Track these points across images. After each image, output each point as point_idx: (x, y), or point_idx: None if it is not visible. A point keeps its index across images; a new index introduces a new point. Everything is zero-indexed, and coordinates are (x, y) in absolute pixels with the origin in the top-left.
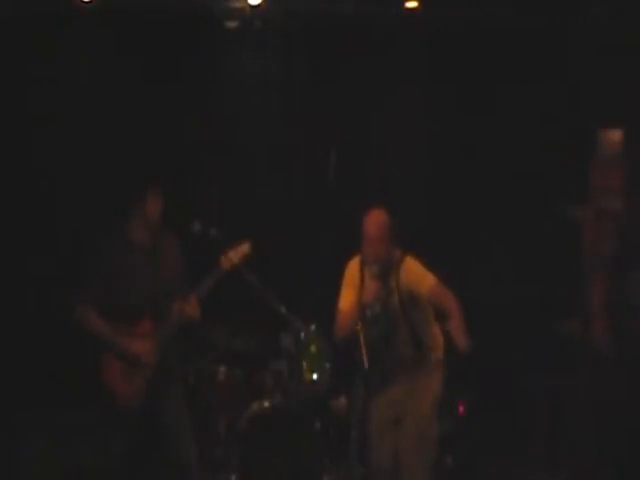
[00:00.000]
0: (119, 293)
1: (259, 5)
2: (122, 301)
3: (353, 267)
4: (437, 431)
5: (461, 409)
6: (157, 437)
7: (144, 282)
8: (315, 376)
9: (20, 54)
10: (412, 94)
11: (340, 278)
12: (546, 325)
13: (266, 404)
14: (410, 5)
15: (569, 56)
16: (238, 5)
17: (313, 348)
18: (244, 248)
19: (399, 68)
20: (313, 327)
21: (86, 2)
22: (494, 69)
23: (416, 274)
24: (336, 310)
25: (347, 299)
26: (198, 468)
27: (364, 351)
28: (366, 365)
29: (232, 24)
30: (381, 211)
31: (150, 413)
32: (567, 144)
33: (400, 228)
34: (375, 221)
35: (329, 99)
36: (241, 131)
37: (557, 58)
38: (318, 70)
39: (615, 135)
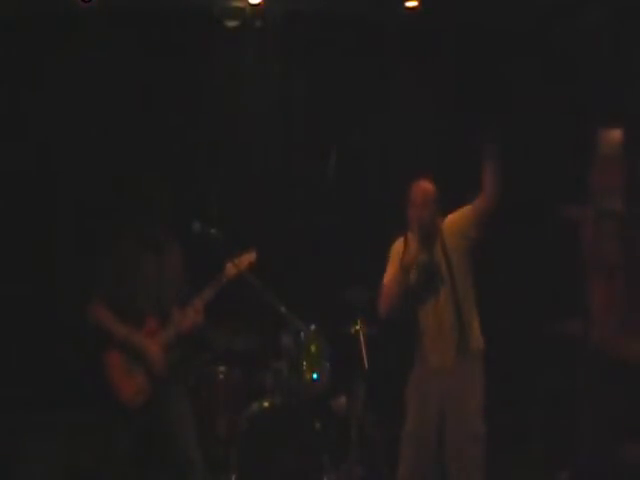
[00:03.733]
0: (127, 294)
1: (259, 4)
2: (129, 302)
3: (398, 246)
4: (485, 427)
5: None
6: (161, 437)
7: (150, 283)
8: (315, 376)
9: (20, 54)
10: (412, 93)
11: (340, 276)
12: (546, 325)
13: (266, 404)
14: (410, 5)
15: (569, 56)
16: (238, 5)
17: (313, 348)
18: (250, 256)
19: (399, 68)
20: (313, 327)
21: (86, 2)
22: (494, 69)
23: (452, 215)
24: (381, 286)
25: (390, 273)
26: (202, 468)
27: (364, 351)
28: (366, 365)
29: (232, 24)
30: (428, 181)
31: (153, 413)
32: (567, 144)
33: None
34: (422, 189)
35: (329, 99)
36: (241, 131)
37: (557, 58)
38: (318, 70)
39: (615, 135)
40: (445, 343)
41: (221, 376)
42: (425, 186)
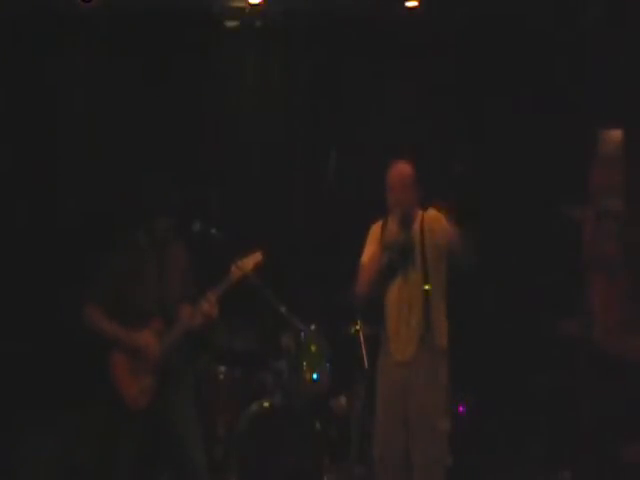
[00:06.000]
0: (129, 295)
1: (259, 4)
2: (132, 303)
3: (376, 228)
4: (448, 424)
5: (461, 409)
6: (165, 438)
7: (153, 284)
8: (315, 376)
9: (20, 54)
10: (412, 94)
11: (340, 277)
12: (546, 325)
13: (266, 404)
14: (410, 5)
15: (569, 56)
16: (238, 4)
17: (313, 348)
18: (256, 258)
19: (399, 68)
20: (313, 327)
21: (86, 2)
22: (494, 68)
23: (439, 218)
24: (359, 266)
25: (368, 253)
26: (206, 470)
27: (364, 351)
28: (366, 365)
29: (232, 24)
30: (405, 163)
31: (157, 413)
32: (567, 144)
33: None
34: (399, 171)
35: (329, 99)
36: (241, 131)
37: (557, 58)
38: (318, 70)
39: (615, 135)
40: (408, 336)
41: (221, 376)
42: (403, 168)
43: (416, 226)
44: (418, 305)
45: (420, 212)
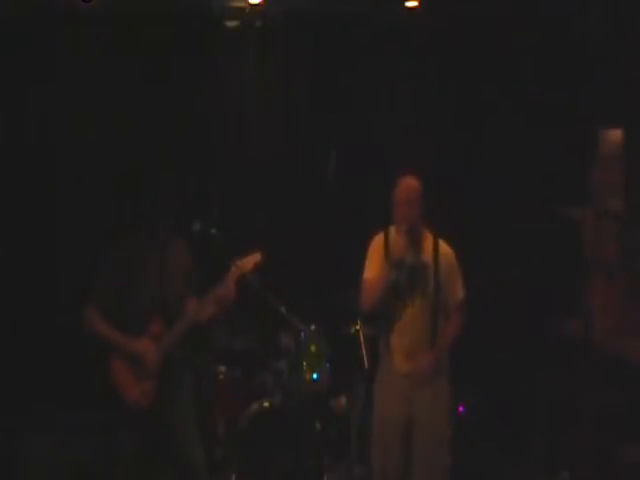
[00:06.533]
0: (129, 295)
1: (259, 4)
2: (132, 303)
3: (378, 241)
4: (449, 432)
5: (461, 409)
6: (164, 438)
7: (153, 284)
8: (315, 376)
9: (20, 54)
10: (412, 94)
11: (340, 277)
12: (546, 325)
13: (266, 404)
14: (410, 5)
15: (569, 56)
16: (238, 5)
17: (313, 348)
18: (255, 258)
19: (399, 68)
20: (313, 327)
21: (86, 2)
22: (494, 68)
23: (456, 274)
24: (362, 281)
25: (373, 268)
26: (204, 469)
27: (364, 351)
28: (366, 365)
29: (232, 24)
30: (412, 178)
31: (157, 414)
32: (567, 144)
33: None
34: (406, 185)
35: (329, 99)
36: (241, 131)
37: (557, 58)
38: (318, 70)
39: (615, 135)
40: (414, 348)
41: (221, 376)
42: (410, 183)
43: (429, 248)
44: (426, 324)
45: (430, 234)
